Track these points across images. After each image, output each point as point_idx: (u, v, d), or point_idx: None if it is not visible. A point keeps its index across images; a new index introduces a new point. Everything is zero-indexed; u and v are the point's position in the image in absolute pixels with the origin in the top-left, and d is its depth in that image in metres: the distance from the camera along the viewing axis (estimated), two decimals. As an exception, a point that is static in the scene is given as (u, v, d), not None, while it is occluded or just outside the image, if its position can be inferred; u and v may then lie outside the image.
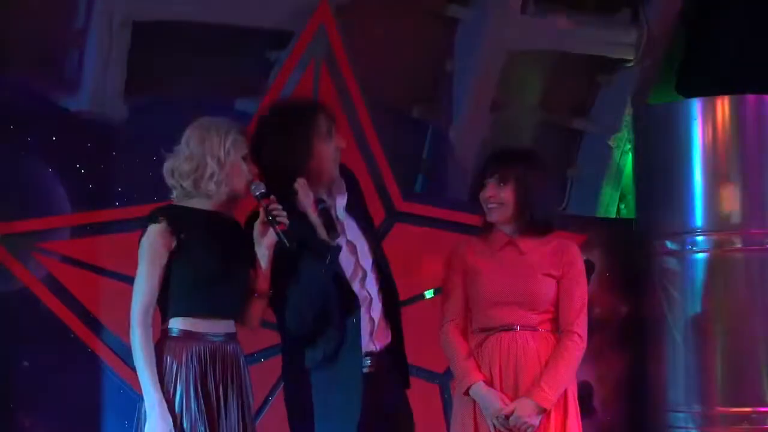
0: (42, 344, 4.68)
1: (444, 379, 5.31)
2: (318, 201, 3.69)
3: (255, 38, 5.27)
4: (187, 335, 3.57)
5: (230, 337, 3.65)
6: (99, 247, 4.73)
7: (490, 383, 3.91)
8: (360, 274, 3.73)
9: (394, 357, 3.82)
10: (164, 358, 3.55)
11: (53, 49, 4.96)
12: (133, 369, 3.63)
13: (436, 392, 5.37)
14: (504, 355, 3.92)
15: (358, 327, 3.67)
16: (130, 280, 3.66)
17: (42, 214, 4.71)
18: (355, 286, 3.71)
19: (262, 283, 3.66)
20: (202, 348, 3.57)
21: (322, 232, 3.63)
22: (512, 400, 3.88)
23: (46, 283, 4.68)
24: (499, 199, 3.96)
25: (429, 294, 5.31)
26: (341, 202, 3.80)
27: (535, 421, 3.85)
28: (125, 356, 4.66)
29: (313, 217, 3.65)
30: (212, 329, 3.60)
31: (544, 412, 3.87)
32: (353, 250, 3.73)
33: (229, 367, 3.62)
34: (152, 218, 3.60)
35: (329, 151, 3.71)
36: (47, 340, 4.68)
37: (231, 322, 3.66)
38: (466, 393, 3.93)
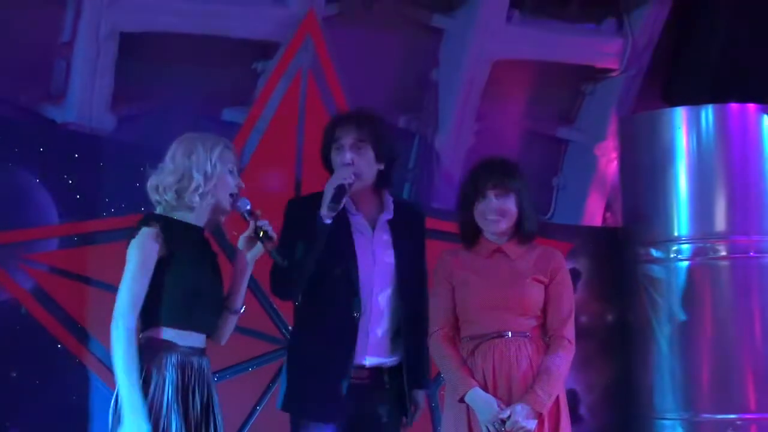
0: (30, 355, 4.68)
1: (432, 387, 5.32)
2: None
3: (242, 49, 5.29)
4: (167, 345, 3.56)
5: (203, 352, 3.66)
6: (86, 257, 4.74)
7: (484, 390, 3.92)
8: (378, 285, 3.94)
9: (393, 389, 4.00)
10: (146, 366, 3.51)
11: (40, 60, 4.97)
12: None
13: (424, 400, 5.36)
14: (497, 362, 3.93)
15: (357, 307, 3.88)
16: (117, 290, 3.65)
17: (29, 225, 4.71)
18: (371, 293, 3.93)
19: (237, 300, 3.69)
20: (179, 359, 3.56)
21: (324, 204, 3.81)
22: (507, 405, 3.89)
23: (34, 294, 4.68)
24: (504, 210, 3.99)
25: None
26: (387, 216, 4.06)
27: (532, 425, 3.86)
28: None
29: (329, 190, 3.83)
30: (188, 342, 3.59)
31: (539, 416, 3.89)
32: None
33: (201, 382, 3.61)
34: (146, 222, 3.58)
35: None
36: (35, 351, 4.68)
37: (204, 337, 3.67)
38: (461, 400, 3.93)
